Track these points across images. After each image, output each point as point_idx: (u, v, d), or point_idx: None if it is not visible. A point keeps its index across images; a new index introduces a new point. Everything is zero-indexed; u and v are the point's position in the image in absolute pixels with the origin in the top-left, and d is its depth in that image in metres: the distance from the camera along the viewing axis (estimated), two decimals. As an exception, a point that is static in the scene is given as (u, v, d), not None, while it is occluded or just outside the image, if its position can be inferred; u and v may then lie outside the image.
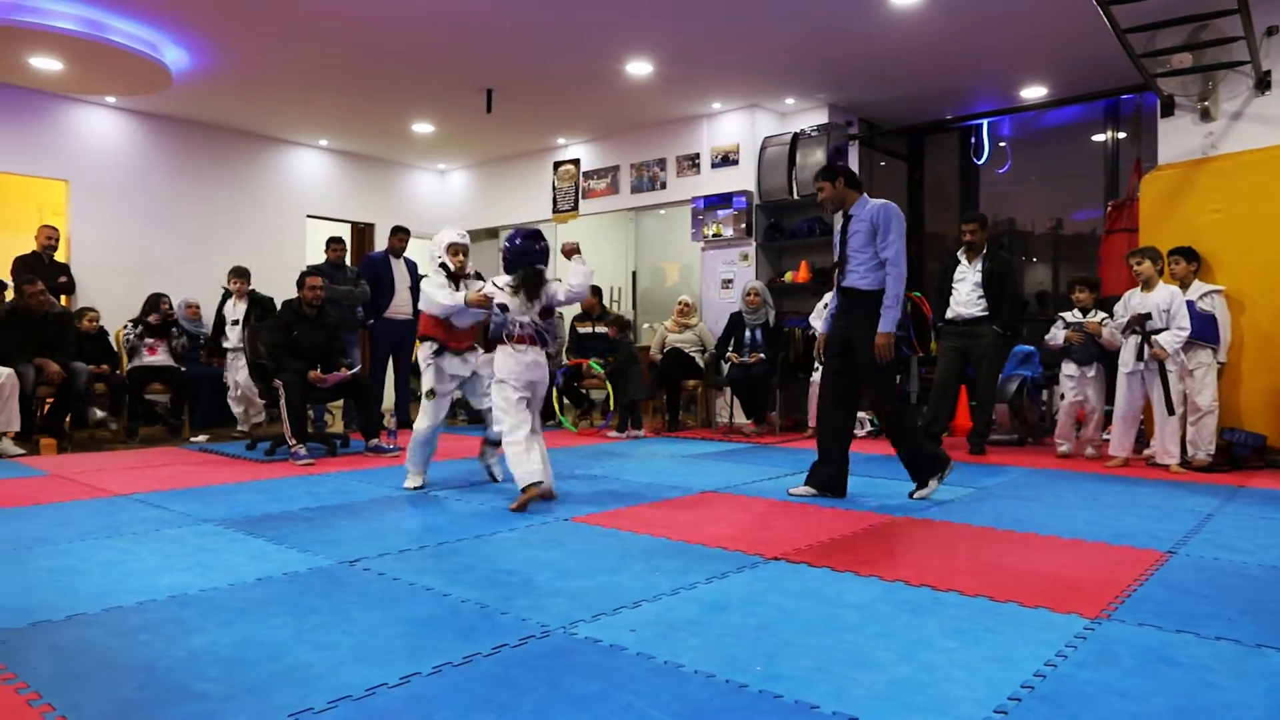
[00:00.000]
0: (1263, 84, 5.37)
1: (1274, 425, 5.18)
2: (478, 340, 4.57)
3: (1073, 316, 5.80)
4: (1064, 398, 5.81)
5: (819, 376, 4.71)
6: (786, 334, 7.28)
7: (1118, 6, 4.14)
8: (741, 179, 7.96)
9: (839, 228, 4.18)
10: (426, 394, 4.38)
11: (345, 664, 1.94)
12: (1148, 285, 5.16)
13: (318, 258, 7.45)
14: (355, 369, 6.00)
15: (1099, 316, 5.64)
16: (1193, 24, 4.76)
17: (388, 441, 5.90)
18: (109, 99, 7.65)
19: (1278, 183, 5.21)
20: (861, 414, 6.75)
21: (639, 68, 6.79)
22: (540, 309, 4.01)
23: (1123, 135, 7.71)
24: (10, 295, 6.11)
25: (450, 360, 4.40)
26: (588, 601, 2.42)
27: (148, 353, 6.85)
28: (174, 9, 5.69)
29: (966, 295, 5.84)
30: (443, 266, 4.40)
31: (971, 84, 7.20)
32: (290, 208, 9.17)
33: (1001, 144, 8.44)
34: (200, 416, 7.06)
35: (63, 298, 7.00)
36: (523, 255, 4.00)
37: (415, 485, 4.40)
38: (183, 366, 6.96)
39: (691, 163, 8.32)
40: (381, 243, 8.54)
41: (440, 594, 2.50)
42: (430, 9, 5.66)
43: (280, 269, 8.33)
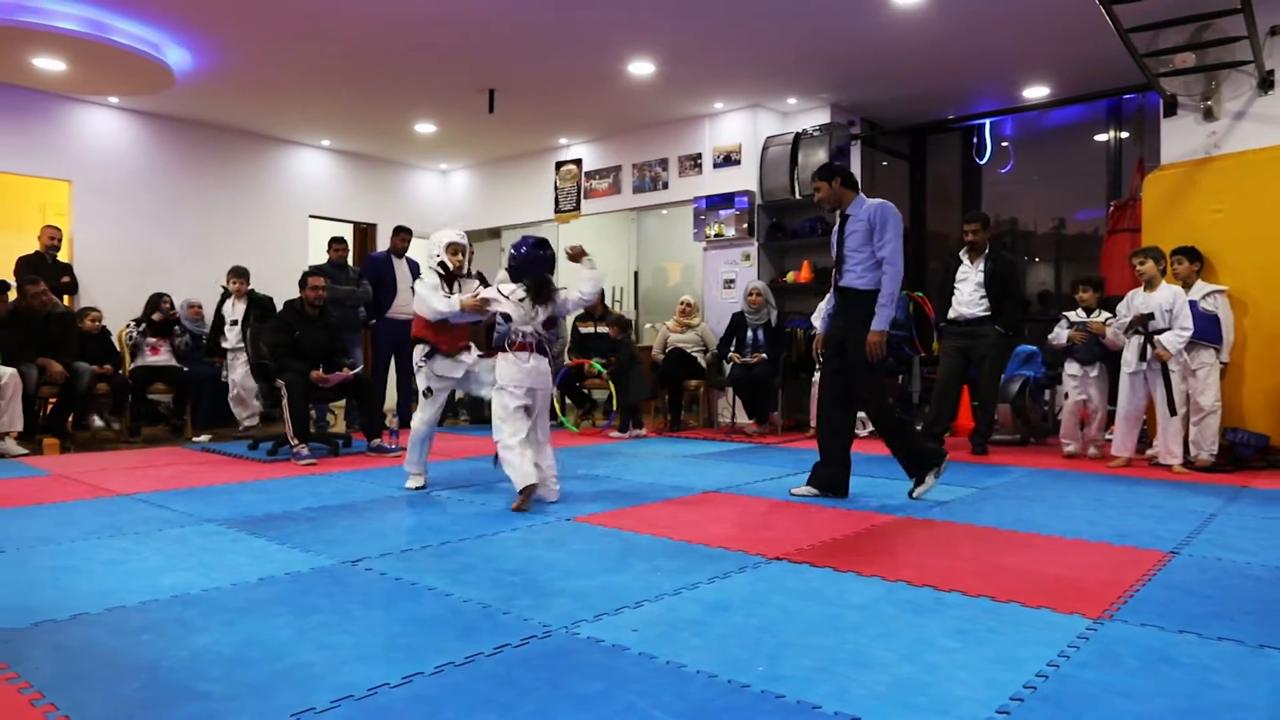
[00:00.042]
0: (1266, 84, 5.36)
1: (1277, 425, 5.18)
2: (476, 342, 4.58)
3: (1076, 316, 5.79)
4: (1067, 397, 5.80)
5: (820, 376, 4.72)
6: (788, 334, 7.27)
7: (1120, 6, 4.13)
8: (743, 179, 7.96)
9: (836, 228, 4.19)
10: (423, 392, 4.44)
11: (347, 664, 1.94)
12: (1150, 285, 5.15)
13: (320, 258, 7.45)
14: (357, 369, 6.01)
15: (1103, 316, 5.63)
16: (1195, 23, 4.75)
17: (390, 441, 5.91)
18: (111, 99, 7.66)
19: (1280, 182, 5.21)
20: (862, 414, 6.74)
21: (641, 67, 6.79)
22: (547, 317, 4.04)
23: (1125, 135, 7.70)
24: (13, 295, 6.11)
25: (441, 362, 4.42)
26: (590, 601, 2.42)
27: (150, 353, 6.86)
28: (176, 10, 5.70)
29: (969, 295, 5.83)
30: (441, 266, 4.41)
31: (974, 84, 7.19)
32: (292, 208, 9.18)
33: (1004, 144, 8.43)
34: (203, 416, 7.08)
35: (65, 298, 7.01)
36: (529, 263, 4.03)
37: (417, 485, 4.41)
38: (185, 366, 6.97)
39: (693, 163, 8.31)
40: (384, 243, 8.52)
41: (442, 594, 2.50)
42: (431, 9, 5.67)
43: (282, 269, 8.35)
